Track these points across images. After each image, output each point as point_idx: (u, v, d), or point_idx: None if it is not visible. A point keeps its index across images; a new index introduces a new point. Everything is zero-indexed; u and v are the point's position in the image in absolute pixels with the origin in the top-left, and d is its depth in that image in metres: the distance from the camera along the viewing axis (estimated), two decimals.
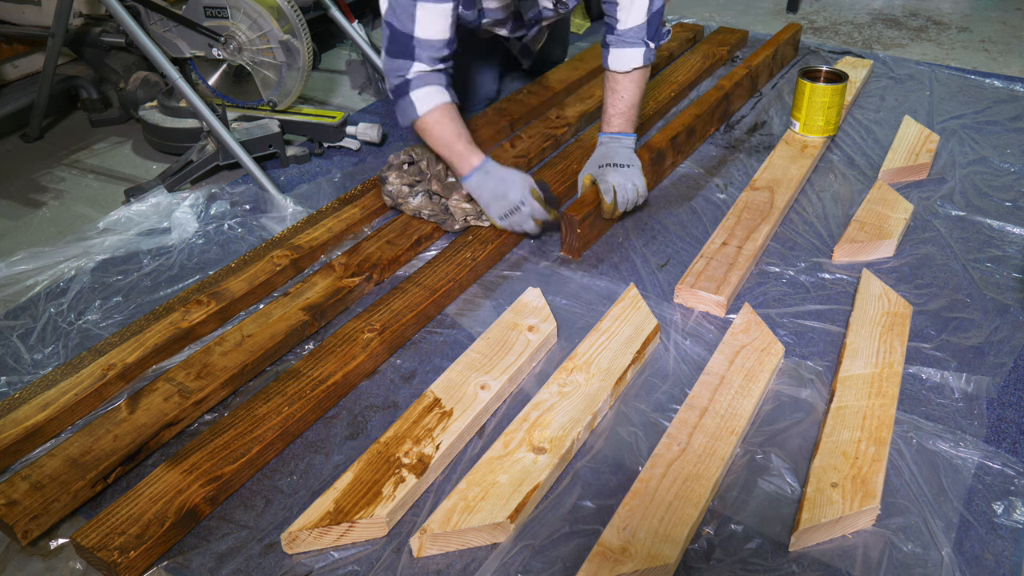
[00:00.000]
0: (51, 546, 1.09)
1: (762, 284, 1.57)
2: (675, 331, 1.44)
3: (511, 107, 2.18)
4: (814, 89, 1.94)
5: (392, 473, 1.13)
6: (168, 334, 1.39)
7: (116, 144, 2.17)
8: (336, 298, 1.48)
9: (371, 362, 1.36)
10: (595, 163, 1.72)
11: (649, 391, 1.32)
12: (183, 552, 1.07)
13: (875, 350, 1.35)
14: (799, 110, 1.99)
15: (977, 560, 1.05)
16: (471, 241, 1.62)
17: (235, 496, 1.15)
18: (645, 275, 1.60)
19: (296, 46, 1.97)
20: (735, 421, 1.21)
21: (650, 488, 1.11)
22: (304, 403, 1.25)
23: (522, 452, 1.16)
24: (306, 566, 1.05)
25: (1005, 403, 1.29)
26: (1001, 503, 1.12)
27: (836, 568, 1.05)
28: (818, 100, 1.94)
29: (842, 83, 1.94)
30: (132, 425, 1.20)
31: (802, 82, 1.96)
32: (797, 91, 1.99)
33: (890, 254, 1.63)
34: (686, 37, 2.68)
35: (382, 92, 2.40)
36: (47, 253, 1.66)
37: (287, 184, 1.94)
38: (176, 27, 1.96)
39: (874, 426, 1.20)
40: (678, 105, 2.30)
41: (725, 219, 1.70)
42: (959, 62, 2.59)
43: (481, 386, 1.28)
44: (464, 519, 1.06)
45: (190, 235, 1.72)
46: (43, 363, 1.39)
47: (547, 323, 1.41)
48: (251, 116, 2.04)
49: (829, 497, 1.09)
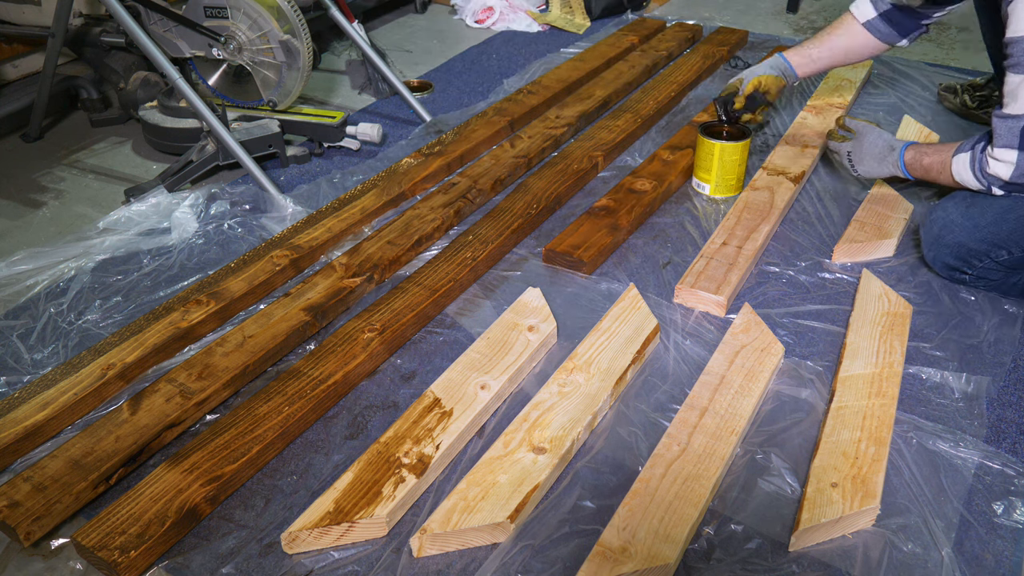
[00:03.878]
0: (52, 546, 1.09)
1: (762, 284, 1.57)
2: (675, 331, 1.44)
3: (511, 107, 2.18)
4: (724, 148, 1.76)
5: (392, 473, 1.13)
6: (168, 334, 1.39)
7: (116, 144, 2.17)
8: (337, 298, 1.48)
9: (371, 362, 1.36)
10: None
11: (649, 391, 1.32)
12: (183, 552, 1.07)
13: (875, 350, 1.35)
14: (708, 172, 1.80)
15: (977, 560, 1.05)
16: (471, 241, 1.62)
17: (235, 496, 1.15)
18: (645, 275, 1.60)
19: (296, 46, 1.97)
20: (735, 421, 1.21)
21: (650, 488, 1.11)
22: (304, 403, 1.25)
23: (522, 452, 1.16)
24: (306, 566, 1.05)
25: (1005, 403, 1.30)
26: (1001, 503, 1.13)
27: (836, 568, 1.05)
28: (729, 159, 1.77)
29: (748, 138, 1.78)
30: (134, 426, 1.20)
31: (708, 141, 1.77)
32: (702, 150, 1.79)
33: (890, 254, 1.64)
34: (686, 37, 2.69)
35: (382, 92, 2.40)
36: (47, 253, 1.66)
37: (287, 184, 1.94)
38: (176, 27, 1.96)
39: (874, 426, 1.20)
40: (678, 105, 2.30)
41: (725, 219, 1.70)
42: (959, 62, 2.59)
43: (481, 386, 1.28)
44: (464, 519, 1.06)
45: (190, 235, 1.73)
46: (43, 363, 1.39)
47: (547, 323, 1.41)
48: (251, 116, 2.04)
49: (829, 497, 1.09)
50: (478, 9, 2.99)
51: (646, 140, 2.11)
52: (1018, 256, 1.42)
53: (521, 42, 2.83)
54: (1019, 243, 1.41)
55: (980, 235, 1.44)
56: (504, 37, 2.88)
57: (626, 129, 2.07)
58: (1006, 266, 1.45)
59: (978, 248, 1.45)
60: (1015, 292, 1.49)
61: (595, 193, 1.88)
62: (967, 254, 1.47)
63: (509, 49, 2.76)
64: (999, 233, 1.42)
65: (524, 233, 1.72)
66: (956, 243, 1.47)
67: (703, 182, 1.84)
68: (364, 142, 2.11)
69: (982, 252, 1.45)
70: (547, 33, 2.91)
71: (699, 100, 2.33)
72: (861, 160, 1.69)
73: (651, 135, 2.13)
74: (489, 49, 2.77)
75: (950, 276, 1.53)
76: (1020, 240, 1.40)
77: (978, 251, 1.45)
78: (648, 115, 2.15)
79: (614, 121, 2.11)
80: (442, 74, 2.58)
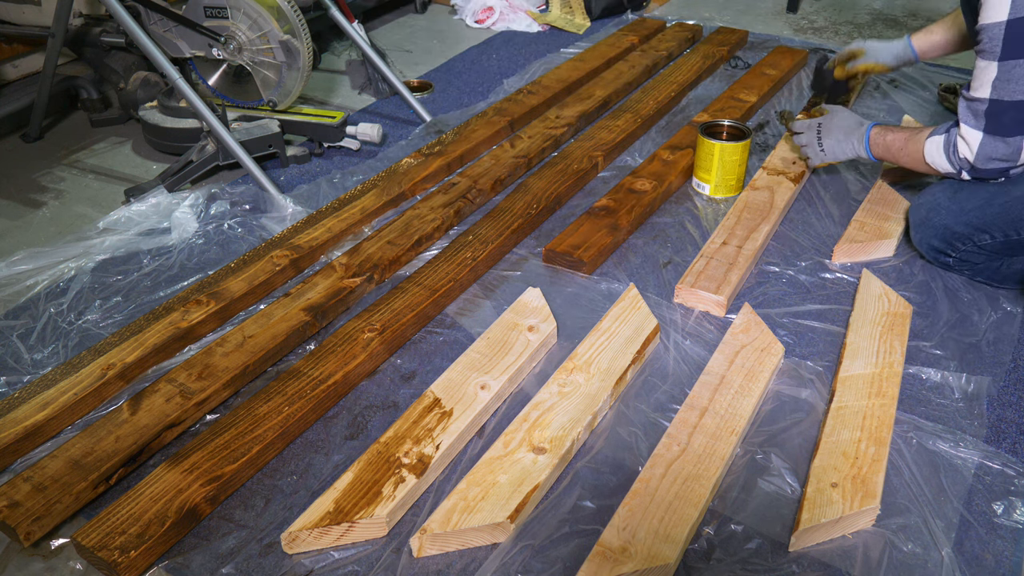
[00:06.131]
0: (52, 546, 1.09)
1: (762, 284, 1.57)
2: (675, 331, 1.44)
3: (511, 107, 2.18)
4: (724, 148, 1.77)
5: (392, 473, 1.13)
6: (167, 334, 1.39)
7: (116, 144, 2.17)
8: (337, 298, 1.48)
9: (371, 362, 1.36)
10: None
11: (649, 391, 1.32)
12: (183, 552, 1.07)
13: (875, 350, 1.35)
14: (708, 172, 1.82)
15: (977, 560, 1.05)
16: (471, 241, 1.62)
17: (235, 496, 1.15)
18: (645, 275, 1.60)
19: (296, 46, 1.97)
20: (735, 421, 1.21)
21: (650, 488, 1.11)
22: (304, 403, 1.25)
23: (522, 452, 1.16)
24: (306, 566, 1.05)
25: (1005, 403, 1.30)
26: (1001, 503, 1.13)
27: (836, 568, 1.05)
28: (729, 159, 1.79)
29: (748, 138, 1.79)
30: (134, 426, 1.20)
31: (709, 141, 1.78)
32: (702, 150, 1.81)
33: (890, 254, 1.64)
34: (686, 37, 2.69)
35: (382, 92, 2.40)
36: (47, 253, 1.66)
37: (287, 184, 1.94)
38: (176, 27, 1.96)
39: (874, 426, 1.20)
40: (678, 105, 2.30)
41: (725, 219, 1.70)
42: (959, 62, 2.59)
43: (481, 386, 1.28)
44: (464, 519, 1.06)
45: (190, 235, 1.72)
46: (43, 363, 1.39)
47: (547, 323, 1.41)
48: (251, 116, 2.04)
49: (829, 497, 1.09)
50: (478, 9, 2.99)
51: (646, 140, 2.11)
52: (1000, 241, 1.45)
53: (521, 42, 2.83)
54: (1001, 228, 1.44)
55: (965, 219, 1.48)
56: (504, 37, 2.88)
57: (626, 129, 2.07)
58: (988, 251, 1.48)
59: (962, 231, 1.48)
60: (998, 278, 1.52)
61: (595, 193, 1.88)
62: (951, 237, 1.50)
63: (509, 49, 2.76)
64: (983, 218, 1.45)
65: (524, 233, 1.72)
66: (942, 225, 1.51)
67: (703, 182, 1.84)
68: (364, 142, 2.11)
69: (965, 235, 1.48)
70: (547, 33, 2.91)
71: (699, 100, 2.33)
72: (829, 132, 1.70)
73: (651, 135, 2.13)
74: (489, 49, 2.77)
75: (935, 259, 1.57)
76: (1002, 225, 1.44)
77: (962, 234, 1.49)
78: (648, 115, 2.15)
79: (614, 121, 2.11)
80: (442, 74, 2.58)
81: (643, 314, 1.42)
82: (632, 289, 1.48)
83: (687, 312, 1.49)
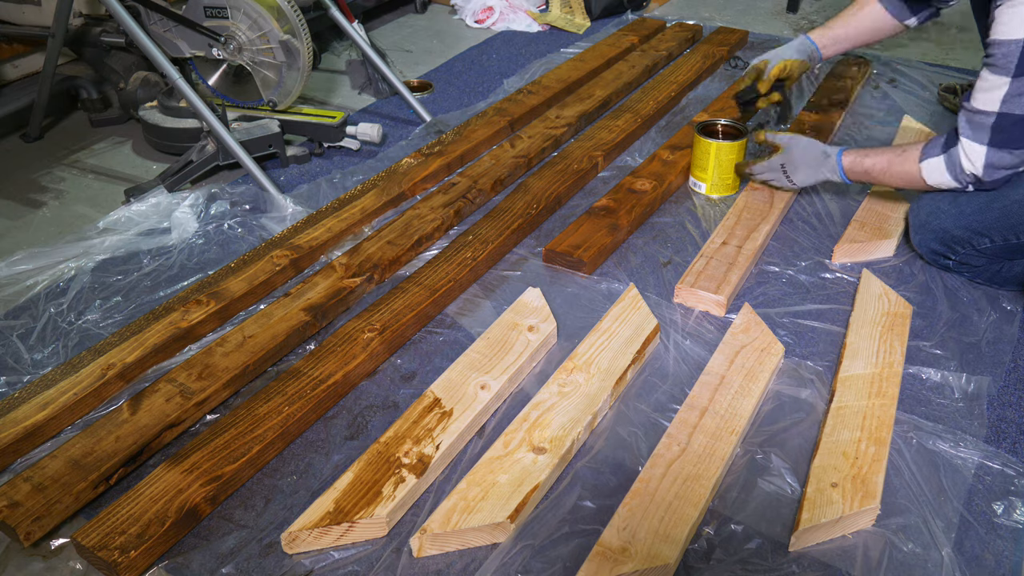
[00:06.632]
0: (52, 546, 1.09)
1: (762, 284, 1.57)
2: (675, 331, 1.44)
3: (511, 107, 2.18)
4: (720, 147, 1.77)
5: (392, 473, 1.13)
6: (167, 334, 1.39)
7: (116, 144, 2.17)
8: (337, 298, 1.48)
9: (371, 362, 1.36)
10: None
11: (649, 391, 1.32)
12: (183, 552, 1.07)
13: (875, 350, 1.35)
14: (704, 171, 1.81)
15: (977, 560, 1.05)
16: (471, 241, 1.62)
17: (235, 496, 1.15)
18: (645, 275, 1.60)
19: (296, 46, 1.97)
20: (735, 421, 1.21)
21: (650, 488, 1.11)
22: (304, 403, 1.25)
23: (522, 452, 1.16)
24: (306, 566, 1.05)
25: (1005, 403, 1.30)
26: (1001, 503, 1.13)
27: (836, 568, 1.05)
28: (725, 158, 1.79)
29: (744, 137, 1.79)
30: (134, 426, 1.20)
31: (705, 140, 1.78)
32: (699, 149, 1.80)
33: (890, 254, 1.64)
34: (686, 37, 2.69)
35: (382, 92, 2.40)
36: (47, 253, 1.66)
37: (287, 184, 1.94)
38: (176, 27, 1.96)
39: (874, 426, 1.20)
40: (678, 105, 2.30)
41: (725, 218, 1.70)
42: (959, 62, 2.59)
43: (481, 386, 1.28)
44: (464, 519, 1.06)
45: (190, 235, 1.72)
46: (43, 363, 1.39)
47: (547, 323, 1.41)
48: (251, 116, 2.04)
49: (829, 497, 1.09)
50: (478, 9, 2.99)
51: (646, 140, 2.11)
52: (1000, 245, 1.45)
53: (521, 42, 2.83)
54: (1001, 232, 1.44)
55: (964, 222, 1.48)
56: (504, 37, 2.88)
57: (626, 129, 2.07)
58: (987, 254, 1.48)
59: (961, 235, 1.49)
60: (998, 281, 1.52)
61: (595, 193, 1.88)
62: (951, 240, 1.51)
63: (509, 49, 2.76)
64: (983, 222, 1.46)
65: (524, 233, 1.72)
66: (941, 228, 1.51)
67: (700, 181, 1.84)
68: (364, 142, 2.11)
69: (964, 239, 1.49)
70: (547, 33, 2.91)
71: (699, 100, 2.33)
72: (796, 169, 1.68)
73: (651, 135, 2.13)
74: (489, 49, 2.77)
75: (935, 261, 1.57)
76: (1002, 229, 1.44)
77: (961, 238, 1.49)
78: (648, 115, 2.15)
79: (614, 121, 2.11)
80: (442, 74, 2.58)
81: (643, 314, 1.42)
82: (632, 289, 1.48)
83: (687, 312, 1.49)
